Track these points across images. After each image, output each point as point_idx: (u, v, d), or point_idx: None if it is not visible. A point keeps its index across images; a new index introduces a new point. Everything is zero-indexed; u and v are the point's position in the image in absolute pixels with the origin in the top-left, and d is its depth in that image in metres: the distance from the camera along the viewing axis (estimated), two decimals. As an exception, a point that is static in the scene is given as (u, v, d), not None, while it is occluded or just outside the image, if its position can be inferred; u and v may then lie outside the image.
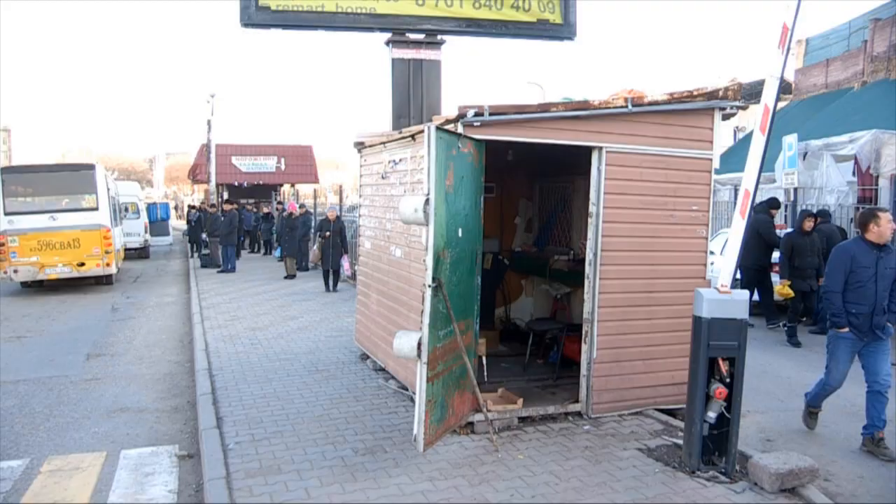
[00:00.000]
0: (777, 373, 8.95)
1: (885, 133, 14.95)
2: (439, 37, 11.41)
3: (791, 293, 10.76)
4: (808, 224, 10.84)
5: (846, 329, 6.22)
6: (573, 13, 11.75)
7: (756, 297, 11.85)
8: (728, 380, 5.30)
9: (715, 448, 5.46)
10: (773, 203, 12.34)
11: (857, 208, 14.52)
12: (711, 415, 5.34)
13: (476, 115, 5.80)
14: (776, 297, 11.65)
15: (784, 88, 32.42)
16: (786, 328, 10.98)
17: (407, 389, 7.09)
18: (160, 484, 5.53)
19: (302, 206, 22.04)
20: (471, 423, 6.16)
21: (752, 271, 11.66)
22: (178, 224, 42.91)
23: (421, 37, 11.28)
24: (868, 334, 6.21)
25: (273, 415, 6.72)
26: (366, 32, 11.42)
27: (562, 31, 11.82)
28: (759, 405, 7.44)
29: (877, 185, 14.40)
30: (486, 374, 7.09)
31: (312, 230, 19.67)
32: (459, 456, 5.63)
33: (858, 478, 5.70)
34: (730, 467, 5.34)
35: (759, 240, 11.84)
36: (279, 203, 29.43)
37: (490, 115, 5.85)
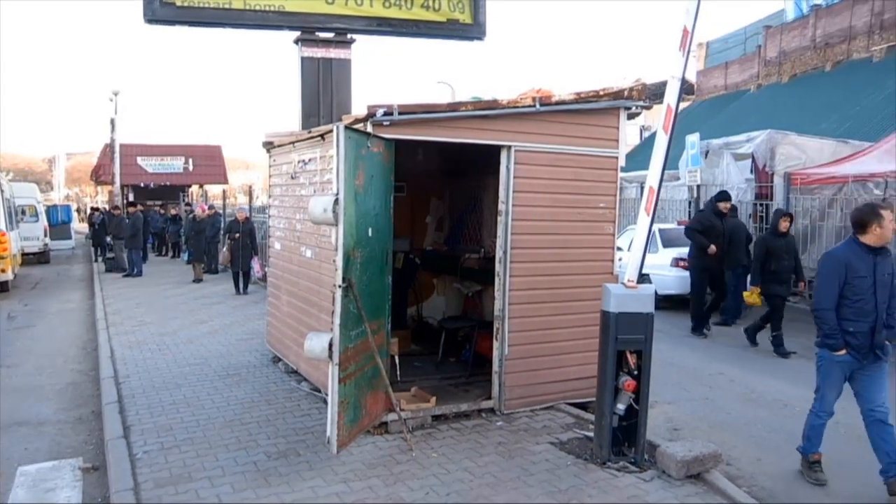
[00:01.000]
0: (683, 364, 9.24)
1: (778, 133, 15.63)
2: (349, 36, 11.35)
3: (759, 301, 10.15)
4: (784, 225, 10.00)
5: (843, 352, 5.23)
6: (483, 13, 11.86)
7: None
8: (636, 372, 5.43)
9: (625, 439, 5.58)
10: (721, 196, 11.55)
11: (756, 204, 15.14)
12: (621, 407, 5.46)
13: (385, 114, 5.79)
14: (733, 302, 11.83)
15: (687, 89, 33.69)
16: (771, 338, 10.01)
17: (320, 391, 7.02)
18: (62, 499, 5.30)
19: (211, 207, 21.58)
20: (385, 423, 6.14)
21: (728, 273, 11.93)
22: (81, 227, 41.36)
23: (331, 35, 11.20)
24: (868, 356, 5.24)
25: (183, 422, 6.54)
26: (274, 31, 11.27)
27: (471, 30, 11.92)
28: (667, 396, 7.66)
29: (772, 182, 15.02)
30: (398, 373, 7.08)
31: (222, 232, 19.26)
32: (374, 456, 5.60)
33: (757, 460, 5.96)
34: (639, 457, 5.48)
35: (743, 242, 12.11)
36: (187, 205, 28.73)
37: (399, 114, 5.85)
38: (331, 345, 5.05)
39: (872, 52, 24.42)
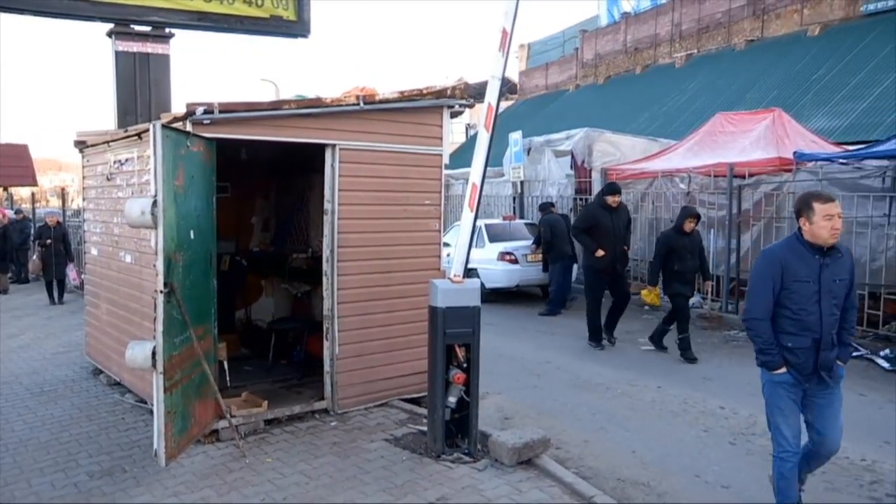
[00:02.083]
0: (512, 355, 9.55)
1: (595, 131, 16.55)
2: (167, 30, 10.86)
3: (657, 301, 9.74)
4: (690, 225, 9.45)
5: (782, 370, 4.39)
6: (307, 10, 11.71)
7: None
8: (465, 365, 5.56)
9: (458, 431, 5.70)
10: (610, 189, 10.27)
11: (576, 199, 15.91)
12: (452, 400, 5.58)
13: (206, 112, 5.61)
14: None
15: (511, 89, 34.90)
16: (678, 341, 9.47)
17: (146, 402, 6.71)
18: None
19: (18, 211, 20.05)
20: (216, 431, 5.96)
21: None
22: None
23: (147, 29, 10.67)
24: (811, 377, 4.39)
25: (-11, 448, 6.04)
26: (85, 21, 10.59)
27: (295, 27, 11.74)
28: (497, 386, 7.88)
29: (590, 177, 15.87)
30: (228, 379, 6.91)
31: (32, 238, 17.94)
32: (205, 466, 5.43)
33: (584, 442, 6.23)
34: (472, 448, 5.61)
35: (566, 235, 12.68)
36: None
37: (220, 112, 5.68)
38: (154, 353, 4.85)
39: (675, 58, 26.33)
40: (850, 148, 12.58)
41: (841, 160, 11.02)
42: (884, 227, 9.98)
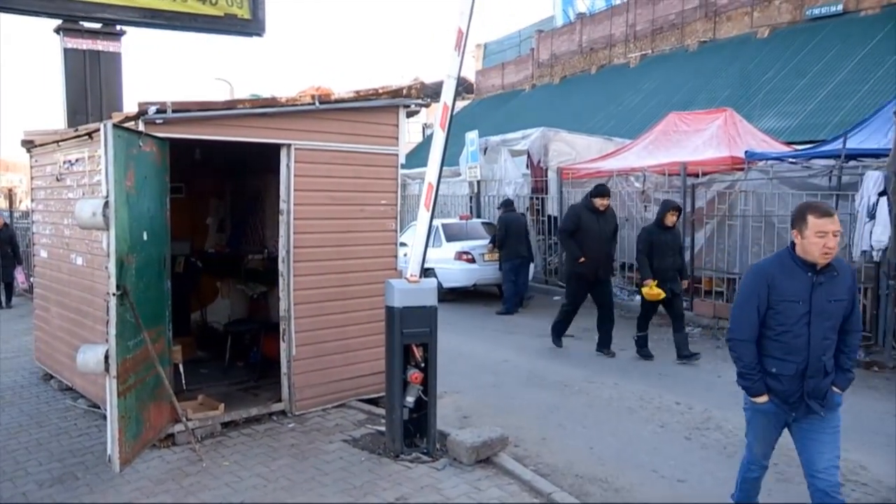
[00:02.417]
0: (470, 354, 9.58)
1: (550, 130, 16.67)
2: (119, 27, 10.66)
3: (661, 292, 9.00)
4: (671, 218, 9.10)
5: (763, 398, 4.05)
6: (262, 9, 11.59)
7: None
8: (423, 365, 5.55)
9: (416, 431, 5.69)
10: (598, 191, 9.65)
11: (532, 198, 16.02)
12: (410, 399, 5.57)
13: (158, 112, 5.53)
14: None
15: (467, 88, 35.01)
16: (635, 337, 9.43)
17: (99, 407, 6.58)
18: None
19: (-36, 213, 19.55)
20: (171, 435, 5.88)
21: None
22: None
23: (97, 26, 10.46)
24: (798, 406, 4.00)
25: (-70, 461, 5.83)
26: (32, 17, 10.34)
27: (250, 26, 11.61)
28: (455, 385, 7.90)
29: (546, 176, 15.98)
30: (184, 381, 6.82)
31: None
32: (161, 471, 5.34)
33: (542, 439, 6.27)
34: (431, 447, 5.61)
35: (522, 234, 12.85)
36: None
37: (173, 112, 5.60)
38: (107, 357, 4.76)
39: (629, 58, 26.65)
40: (799, 147, 12.90)
41: (790, 159, 11.28)
42: (831, 225, 10.18)
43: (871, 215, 8.54)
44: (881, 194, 8.37)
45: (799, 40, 20.78)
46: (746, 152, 11.70)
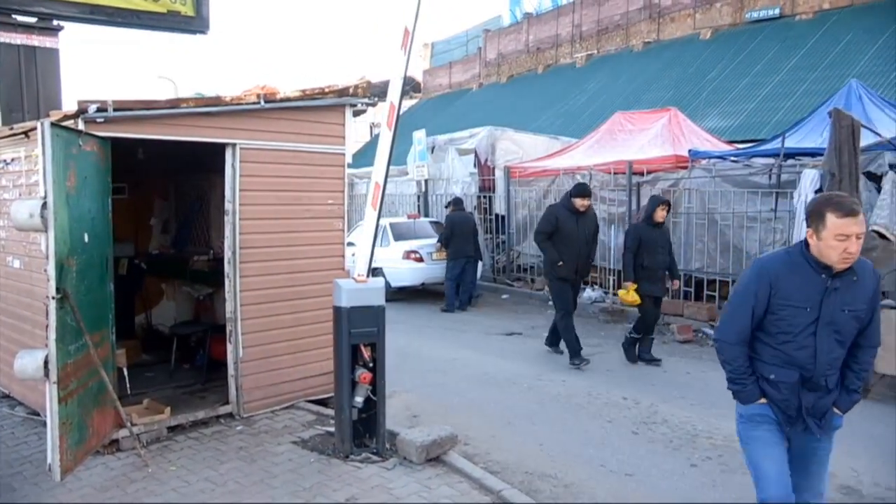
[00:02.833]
0: (419, 353, 9.58)
1: (498, 129, 16.79)
2: (56, 22, 10.41)
3: (638, 299, 8.66)
4: (661, 214, 8.71)
5: (763, 400, 3.49)
6: (206, 6, 11.44)
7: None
8: (372, 364, 5.53)
9: (366, 431, 5.67)
10: (579, 190, 8.96)
11: (479, 196, 16.09)
12: (359, 399, 5.54)
13: (99, 110, 5.40)
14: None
15: (414, 87, 35.06)
16: (627, 335, 9.03)
17: (38, 415, 6.40)
18: None
19: None
20: (116, 441, 5.75)
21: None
22: None
23: (33, 20, 10.20)
24: (796, 422, 3.46)
25: None
26: (-40, 8, 10.04)
27: (194, 23, 11.46)
28: (405, 384, 7.87)
29: (494, 175, 16.09)
30: (128, 386, 6.69)
31: None
32: (105, 478, 5.23)
33: (491, 437, 6.30)
34: (381, 447, 5.59)
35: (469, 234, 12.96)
36: None
37: (115, 110, 5.47)
38: (46, 362, 4.64)
39: (576, 58, 26.96)
40: (741, 146, 13.22)
41: (732, 158, 11.53)
42: (771, 222, 10.47)
43: (809, 212, 8.76)
44: (817, 192, 8.60)
45: (740, 42, 21.29)
46: (690, 151, 11.94)
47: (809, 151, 10.12)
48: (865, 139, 8.74)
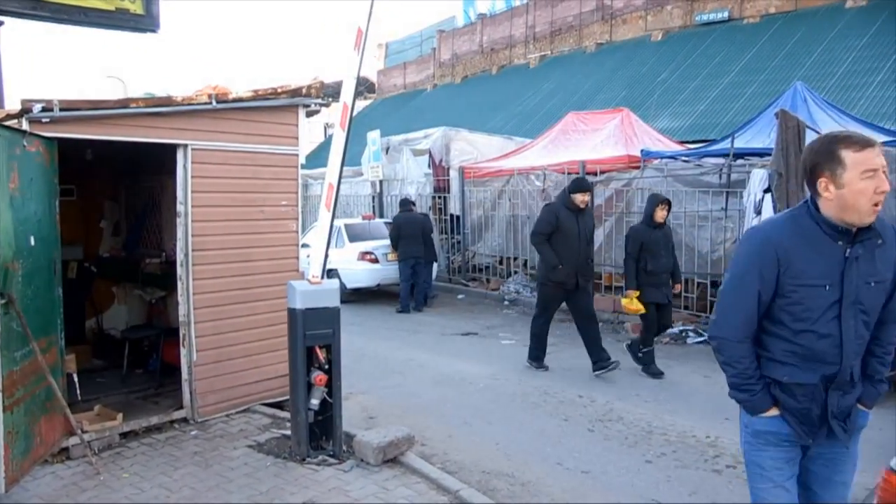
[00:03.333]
0: (375, 354, 9.55)
1: (452, 130, 16.84)
2: (-4, 17, 10.13)
3: (642, 307, 8.15)
4: (661, 213, 8.18)
5: (774, 411, 2.81)
6: (156, 4, 11.19)
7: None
8: (327, 366, 5.50)
9: (322, 433, 5.63)
10: (578, 185, 8.35)
11: (434, 197, 16.10)
12: (314, 402, 5.50)
13: (44, 110, 5.27)
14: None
15: (368, 88, 35.01)
16: (640, 354, 8.42)
17: (-17, 423, 6.25)
18: None
19: None
20: (66, 449, 5.61)
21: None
22: None
23: (-32, 14, 9.90)
24: (818, 431, 2.79)
25: None
26: None
27: (143, 21, 11.20)
28: (361, 386, 7.86)
29: (448, 175, 16.12)
30: (79, 392, 6.53)
31: None
32: (54, 488, 5.10)
33: (448, 437, 6.31)
34: (337, 449, 5.56)
35: (419, 236, 12.91)
36: None
37: (61, 110, 5.35)
38: (-9, 369, 4.53)
39: (529, 59, 27.15)
40: (691, 146, 13.43)
41: (683, 158, 11.71)
42: (722, 220, 10.66)
43: (758, 211, 8.93)
44: (766, 191, 8.76)
45: (690, 44, 21.66)
46: (642, 151, 12.09)
47: (758, 151, 10.31)
48: (810, 139, 8.93)
